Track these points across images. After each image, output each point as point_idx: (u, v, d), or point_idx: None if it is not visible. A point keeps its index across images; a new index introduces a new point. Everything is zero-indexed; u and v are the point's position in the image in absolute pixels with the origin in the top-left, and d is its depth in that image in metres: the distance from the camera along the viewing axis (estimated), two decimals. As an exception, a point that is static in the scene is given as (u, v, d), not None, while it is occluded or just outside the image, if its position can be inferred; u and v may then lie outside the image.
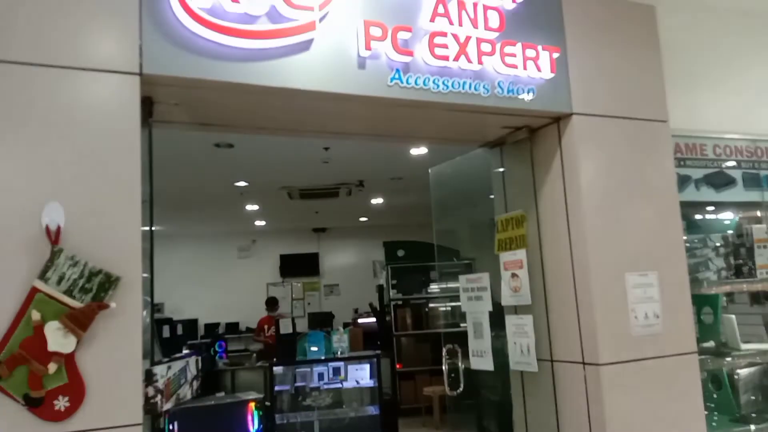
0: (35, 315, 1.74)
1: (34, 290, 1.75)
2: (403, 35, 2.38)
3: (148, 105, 2.19)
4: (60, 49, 1.87)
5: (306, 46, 2.23)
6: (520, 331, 2.96)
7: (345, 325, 9.15)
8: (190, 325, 9.22)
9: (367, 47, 2.30)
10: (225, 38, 2.08)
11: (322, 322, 9.88)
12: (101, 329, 1.80)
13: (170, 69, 2.02)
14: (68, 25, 1.90)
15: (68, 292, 1.77)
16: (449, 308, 3.47)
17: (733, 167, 3.53)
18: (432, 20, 2.44)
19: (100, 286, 1.80)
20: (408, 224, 8.14)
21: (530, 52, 2.62)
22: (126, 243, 1.86)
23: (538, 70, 2.63)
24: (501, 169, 3.27)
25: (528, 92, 2.62)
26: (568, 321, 2.75)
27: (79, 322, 1.76)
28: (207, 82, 2.10)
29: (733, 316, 3.40)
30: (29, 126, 1.81)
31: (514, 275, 2.99)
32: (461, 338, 3.26)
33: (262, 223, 10.69)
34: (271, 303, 9.11)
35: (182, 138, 4.93)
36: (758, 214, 3.71)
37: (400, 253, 8.86)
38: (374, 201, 9.03)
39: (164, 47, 2.02)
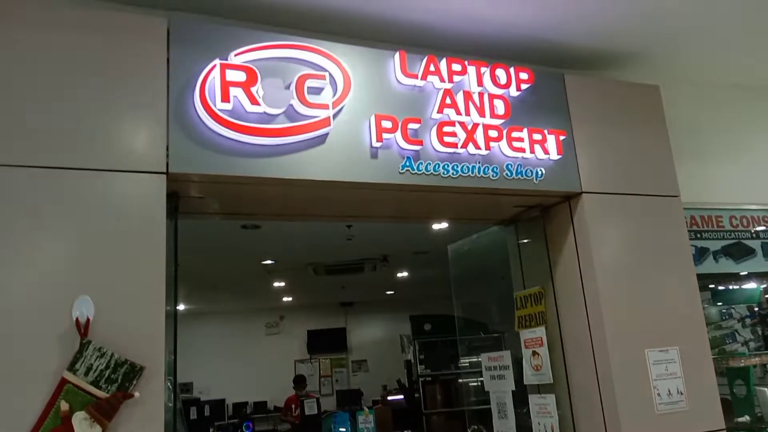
0: (64, 405, 1.81)
1: (63, 381, 1.83)
2: (412, 126, 2.51)
3: (174, 199, 2.33)
4: (93, 153, 2.02)
5: (322, 140, 2.37)
6: (543, 411, 2.92)
7: (374, 403, 8.99)
8: (218, 405, 9.18)
9: (379, 139, 2.43)
10: (245, 137, 2.23)
11: (350, 399, 9.72)
12: (124, 418, 1.86)
13: (195, 167, 2.17)
14: (102, 131, 2.05)
15: (95, 383, 1.85)
16: (480, 384, 3.43)
17: (752, 237, 3.53)
18: (440, 111, 2.57)
19: (125, 376, 1.87)
20: (434, 296, 8.11)
21: (537, 136, 2.72)
22: (150, 333, 1.95)
23: (545, 152, 2.73)
24: (517, 246, 3.32)
25: (536, 174, 2.70)
26: (591, 399, 2.72)
27: (104, 412, 1.83)
28: (229, 178, 2.23)
29: (767, 389, 3.31)
30: (63, 224, 1.94)
31: (535, 353, 2.98)
32: (487, 415, 3.21)
33: (290, 299, 10.76)
34: (299, 381, 9.06)
35: (211, 221, 5.12)
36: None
37: (427, 327, 8.78)
38: (399, 275, 9.06)
39: (189, 147, 2.17)
